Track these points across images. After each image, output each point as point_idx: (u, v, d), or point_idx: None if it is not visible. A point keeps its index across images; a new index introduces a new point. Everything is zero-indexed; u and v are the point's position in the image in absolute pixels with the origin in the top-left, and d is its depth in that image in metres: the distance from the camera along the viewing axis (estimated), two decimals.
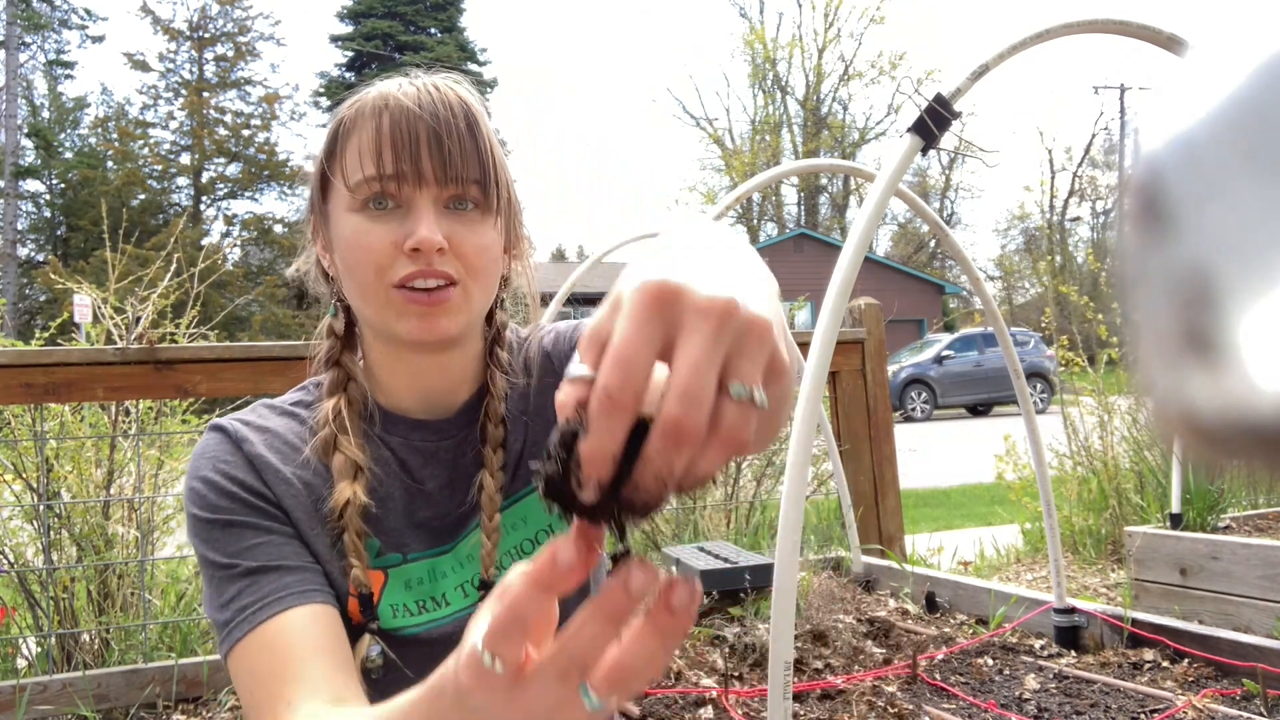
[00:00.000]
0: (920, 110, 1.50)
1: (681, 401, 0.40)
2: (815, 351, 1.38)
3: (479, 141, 0.84)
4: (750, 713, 2.01)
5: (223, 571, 0.80)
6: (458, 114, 0.83)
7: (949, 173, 37.60)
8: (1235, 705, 1.85)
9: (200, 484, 0.83)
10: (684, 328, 0.41)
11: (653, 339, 0.41)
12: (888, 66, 34.99)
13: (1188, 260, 0.19)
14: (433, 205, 0.82)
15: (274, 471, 0.85)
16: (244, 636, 0.77)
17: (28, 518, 2.69)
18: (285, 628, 0.77)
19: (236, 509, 0.82)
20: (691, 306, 0.41)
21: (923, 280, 29.90)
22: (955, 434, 12.21)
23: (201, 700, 2.29)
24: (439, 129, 0.82)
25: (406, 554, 0.89)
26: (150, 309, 2.81)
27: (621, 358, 0.41)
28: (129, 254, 3.28)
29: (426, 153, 0.81)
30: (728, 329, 0.41)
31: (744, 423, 0.41)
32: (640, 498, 0.42)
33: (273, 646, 0.76)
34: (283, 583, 0.79)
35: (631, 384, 0.40)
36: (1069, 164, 35.63)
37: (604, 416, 0.40)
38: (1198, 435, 0.19)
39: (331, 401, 0.88)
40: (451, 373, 0.92)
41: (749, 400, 0.41)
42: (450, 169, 0.82)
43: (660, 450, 0.40)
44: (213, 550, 0.81)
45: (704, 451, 0.41)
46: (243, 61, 29.40)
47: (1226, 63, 0.19)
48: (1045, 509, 2.32)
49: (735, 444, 0.41)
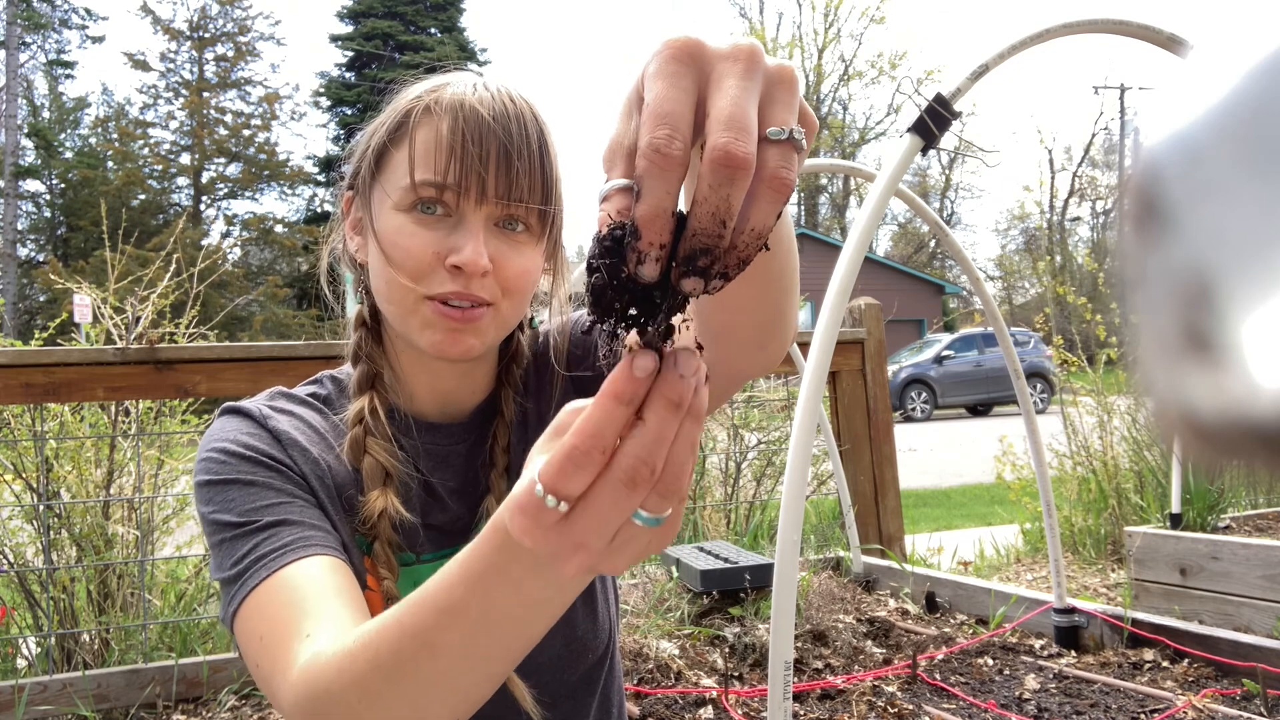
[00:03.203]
0: (920, 110, 1.50)
1: (728, 128, 0.39)
2: (815, 351, 1.38)
3: (546, 165, 0.80)
4: (750, 713, 2.01)
5: (236, 530, 0.74)
6: (531, 132, 0.79)
7: (949, 173, 37.63)
8: (1235, 705, 1.85)
9: (215, 453, 0.78)
10: (715, 73, 0.41)
11: (688, 90, 0.41)
12: (888, 66, 34.98)
13: (1187, 260, 0.19)
14: (484, 223, 0.78)
15: (300, 449, 0.81)
16: (259, 584, 0.71)
17: (28, 518, 2.69)
18: (302, 571, 0.71)
19: (257, 471, 0.78)
20: (718, 55, 0.41)
21: (923, 280, 29.89)
22: (955, 434, 12.21)
23: (201, 700, 2.29)
24: (510, 146, 0.77)
25: (420, 555, 0.87)
26: (150, 309, 2.81)
27: (661, 111, 0.40)
28: (129, 254, 3.28)
29: (494, 169, 0.77)
30: (757, 71, 0.41)
31: (788, 162, 0.41)
32: (700, 243, 0.41)
33: (291, 587, 0.70)
34: (303, 536, 0.74)
35: (679, 135, 0.40)
36: (1069, 164, 35.67)
37: (655, 174, 0.39)
38: (1198, 435, 0.19)
39: (362, 401, 0.84)
40: (470, 380, 0.90)
41: (788, 140, 0.41)
42: (515, 190, 0.78)
43: (713, 184, 0.39)
44: (225, 511, 0.76)
45: (754, 199, 0.41)
46: (243, 61, 29.43)
47: (1226, 63, 0.19)
48: (1045, 509, 2.32)
49: (782, 186, 0.41)
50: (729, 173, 0.39)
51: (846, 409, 3.59)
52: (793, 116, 0.42)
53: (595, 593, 0.92)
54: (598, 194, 0.43)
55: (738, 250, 0.41)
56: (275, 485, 0.77)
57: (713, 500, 3.84)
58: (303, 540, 0.74)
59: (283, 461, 0.80)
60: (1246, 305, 0.17)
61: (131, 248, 3.38)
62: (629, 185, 0.41)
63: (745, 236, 0.41)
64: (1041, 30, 1.58)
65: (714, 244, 0.41)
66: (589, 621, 0.90)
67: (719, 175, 0.39)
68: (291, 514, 0.76)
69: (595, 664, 0.92)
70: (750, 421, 4.11)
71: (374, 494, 0.81)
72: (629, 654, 2.26)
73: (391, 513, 0.81)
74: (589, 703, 0.92)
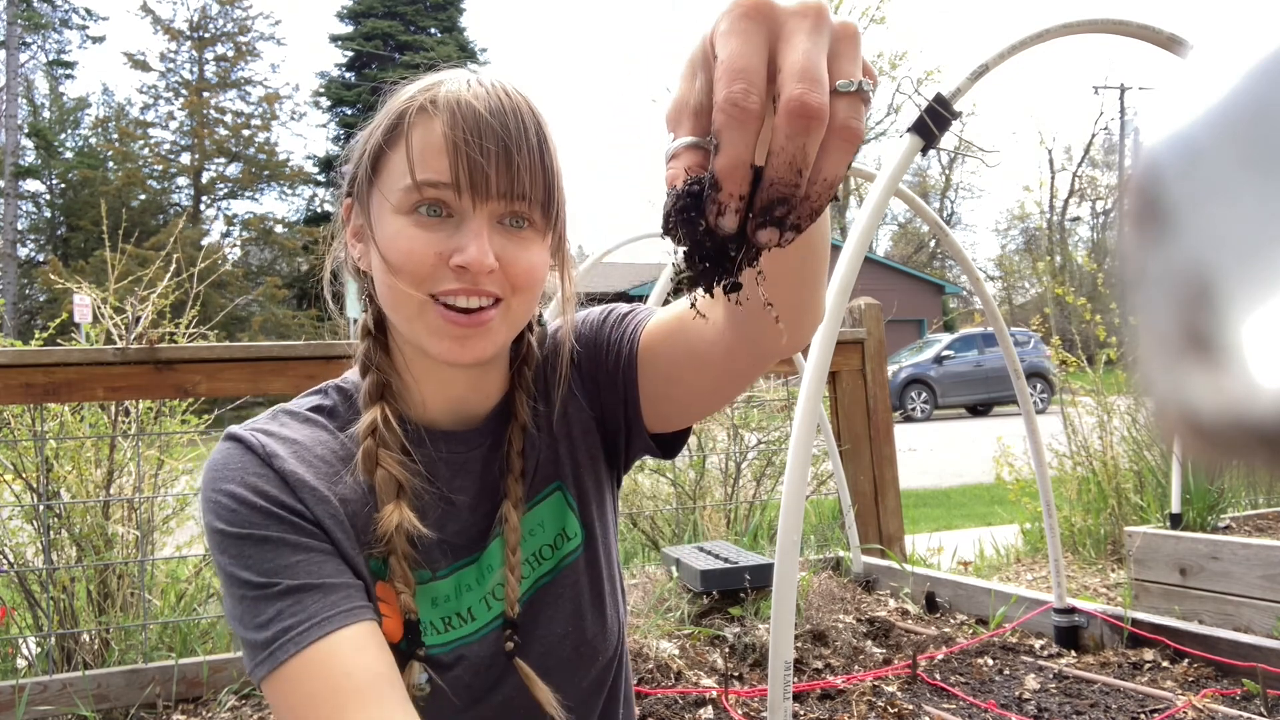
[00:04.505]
0: (920, 110, 1.50)
1: (802, 80, 0.41)
2: (815, 351, 1.38)
3: (546, 159, 0.79)
4: (750, 713, 2.01)
5: (258, 590, 0.74)
6: (529, 126, 0.77)
7: (949, 173, 37.62)
8: (1235, 705, 1.85)
9: (225, 497, 0.77)
10: (785, 29, 0.43)
11: (760, 46, 0.43)
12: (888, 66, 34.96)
13: (1187, 260, 0.19)
14: (488, 221, 0.77)
15: (309, 489, 0.79)
16: (289, 658, 0.72)
17: (28, 518, 2.69)
18: (337, 648, 0.72)
19: (270, 524, 0.76)
20: (787, 12, 0.43)
21: (923, 280, 29.88)
22: (955, 434, 12.21)
23: (201, 700, 2.29)
24: (509, 141, 0.76)
25: (436, 570, 0.85)
26: (150, 309, 2.81)
27: (736, 67, 0.42)
28: (129, 254, 3.28)
29: (495, 166, 0.75)
30: (825, 27, 0.43)
31: (857, 114, 0.43)
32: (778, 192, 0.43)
33: (327, 667, 0.71)
34: (328, 601, 0.74)
35: (754, 89, 0.42)
36: (1069, 164, 35.67)
37: (734, 127, 0.41)
38: (1198, 435, 0.19)
39: (372, 413, 0.83)
40: (482, 385, 0.88)
41: (857, 91, 0.43)
42: (517, 186, 0.76)
43: (790, 134, 0.41)
44: (243, 568, 0.75)
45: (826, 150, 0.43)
46: (243, 61, 29.43)
47: (1226, 63, 0.19)
48: (1045, 509, 2.32)
49: (853, 136, 0.43)
50: (805, 123, 0.41)
51: (846, 409, 3.58)
52: (858, 70, 0.44)
53: (604, 595, 0.91)
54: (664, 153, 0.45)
55: (810, 200, 0.43)
56: (290, 541, 0.76)
57: (713, 500, 3.84)
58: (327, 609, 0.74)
59: (295, 509, 0.78)
60: (1246, 305, 0.17)
61: (131, 248, 3.37)
62: (696, 143, 0.43)
63: (818, 186, 0.43)
64: (1041, 30, 1.58)
65: (791, 193, 0.43)
66: (598, 625, 0.90)
67: (795, 126, 0.41)
68: (312, 575, 0.75)
69: (605, 666, 0.92)
70: (750, 421, 4.11)
71: (388, 508, 0.79)
72: (629, 654, 2.26)
73: (407, 527, 0.79)
74: (596, 703, 0.93)
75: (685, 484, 3.83)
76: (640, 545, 3.79)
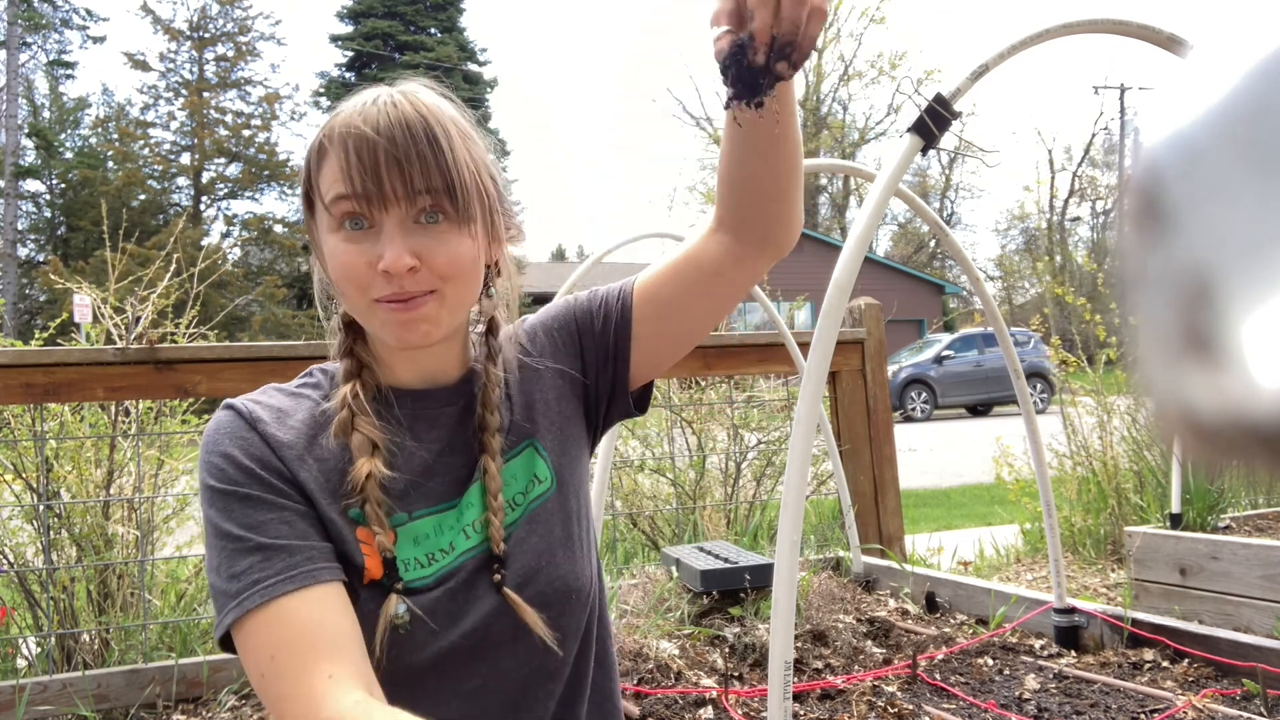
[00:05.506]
0: (920, 110, 1.50)
1: None
2: (815, 351, 1.38)
3: (440, 154, 0.86)
4: (750, 713, 2.01)
5: (236, 543, 0.83)
6: (416, 130, 0.85)
7: (949, 173, 37.60)
8: (1235, 705, 1.85)
9: (218, 457, 0.87)
10: None
11: None
12: (887, 67, 34.95)
13: (1187, 260, 0.19)
14: (399, 225, 0.85)
15: (290, 450, 0.89)
16: (257, 607, 0.80)
17: (28, 518, 2.69)
18: (305, 602, 0.81)
19: (253, 484, 0.86)
20: None
21: (923, 280, 29.87)
22: (955, 434, 12.21)
23: (201, 700, 2.29)
24: (396, 152, 0.84)
25: (413, 512, 0.93)
26: (150, 309, 2.81)
27: None
28: (129, 254, 3.28)
29: (387, 175, 0.84)
30: None
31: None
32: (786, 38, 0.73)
33: (295, 616, 0.80)
34: (293, 560, 0.83)
35: None
36: (1069, 164, 35.66)
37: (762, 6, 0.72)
38: (1198, 435, 0.19)
39: (347, 387, 0.93)
40: (445, 358, 0.98)
41: None
42: (412, 187, 0.84)
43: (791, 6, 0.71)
44: (227, 520, 0.84)
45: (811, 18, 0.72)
46: (243, 61, 29.37)
47: (1226, 63, 0.19)
48: (1045, 509, 2.32)
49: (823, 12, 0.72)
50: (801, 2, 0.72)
51: (846, 409, 3.59)
52: None
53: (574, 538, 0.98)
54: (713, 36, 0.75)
55: (803, 47, 0.73)
56: (268, 500, 0.86)
57: (713, 500, 3.84)
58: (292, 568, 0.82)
59: (277, 470, 0.88)
60: (1246, 305, 0.18)
61: (132, 247, 3.37)
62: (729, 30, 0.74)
63: (806, 41, 0.73)
64: (1041, 30, 1.58)
65: (793, 39, 0.73)
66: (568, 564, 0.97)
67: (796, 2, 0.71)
68: (283, 535, 0.84)
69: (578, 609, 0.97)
70: (750, 421, 4.11)
71: (361, 461, 0.88)
72: (629, 654, 2.26)
73: (378, 475, 0.88)
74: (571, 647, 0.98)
75: (685, 484, 3.83)
76: (640, 545, 3.79)
